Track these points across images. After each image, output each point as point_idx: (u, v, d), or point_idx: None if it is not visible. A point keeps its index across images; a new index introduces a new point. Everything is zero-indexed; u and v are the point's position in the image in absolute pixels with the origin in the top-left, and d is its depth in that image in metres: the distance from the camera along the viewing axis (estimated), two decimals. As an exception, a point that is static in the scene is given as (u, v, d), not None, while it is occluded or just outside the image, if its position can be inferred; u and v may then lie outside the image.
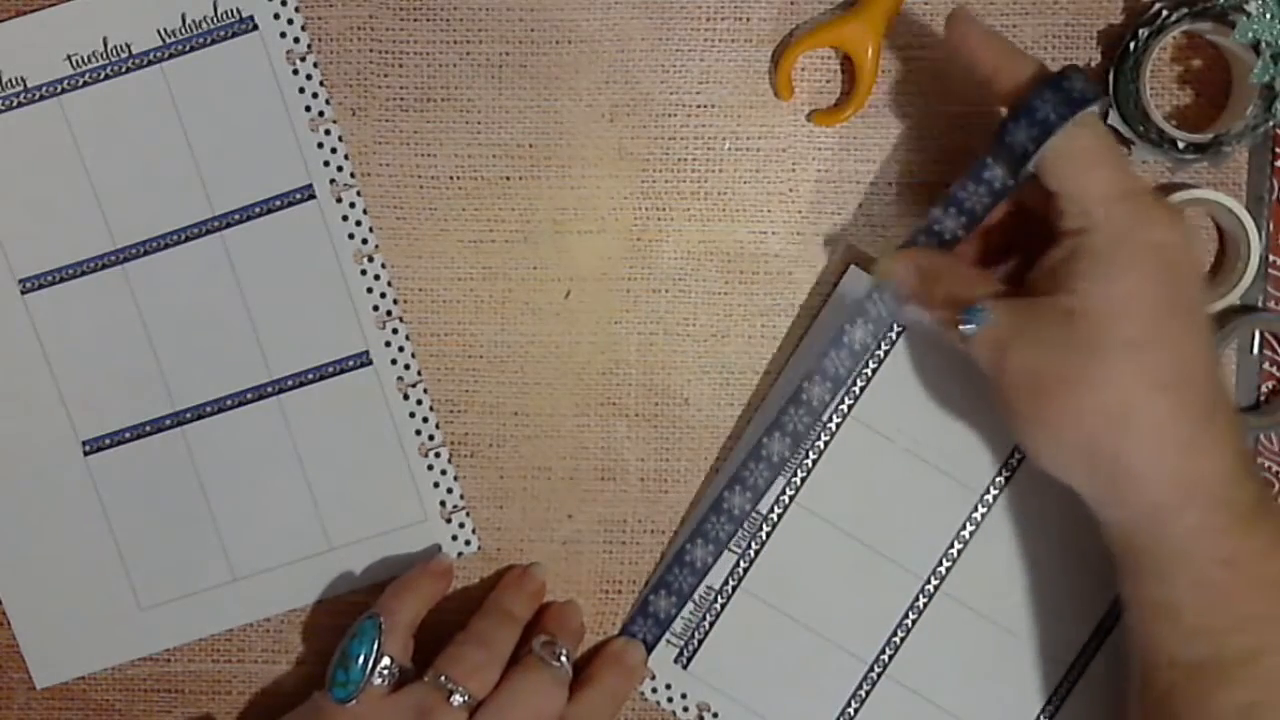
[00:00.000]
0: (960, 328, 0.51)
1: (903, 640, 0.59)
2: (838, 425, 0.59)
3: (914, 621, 0.59)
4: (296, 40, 0.59)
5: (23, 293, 0.59)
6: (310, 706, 0.56)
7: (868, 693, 0.59)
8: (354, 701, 0.54)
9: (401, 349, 0.60)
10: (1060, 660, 0.59)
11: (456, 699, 0.54)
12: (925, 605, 0.59)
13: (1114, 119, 0.56)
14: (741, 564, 0.59)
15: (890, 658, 0.59)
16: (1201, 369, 0.49)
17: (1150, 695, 0.52)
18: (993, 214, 0.54)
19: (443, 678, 0.54)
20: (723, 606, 0.59)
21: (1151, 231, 0.49)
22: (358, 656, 0.55)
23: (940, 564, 0.59)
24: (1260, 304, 0.59)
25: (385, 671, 0.54)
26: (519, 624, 0.58)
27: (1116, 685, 0.58)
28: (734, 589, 0.59)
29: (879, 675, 0.59)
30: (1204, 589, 0.49)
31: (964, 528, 0.59)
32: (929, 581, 0.59)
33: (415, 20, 0.59)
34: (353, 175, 0.59)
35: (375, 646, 0.55)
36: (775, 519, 0.59)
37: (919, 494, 0.59)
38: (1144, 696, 0.52)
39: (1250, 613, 0.49)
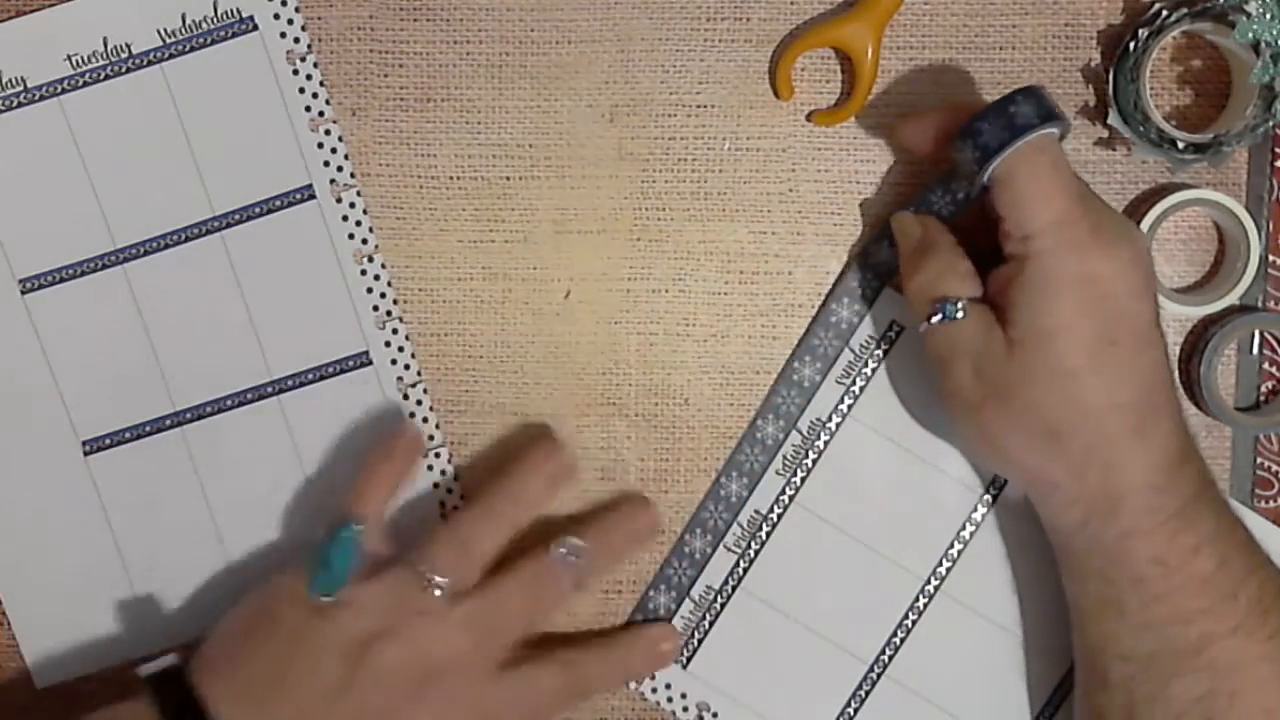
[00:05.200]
0: (930, 319, 0.53)
1: (903, 640, 0.59)
2: (838, 425, 0.59)
3: (914, 621, 0.59)
4: (296, 40, 0.59)
5: (23, 293, 0.59)
6: (275, 591, 0.54)
7: (868, 693, 0.59)
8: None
9: (401, 349, 0.60)
10: (1060, 660, 0.59)
11: (436, 590, 0.53)
12: (925, 605, 0.59)
13: (1114, 119, 0.56)
14: (741, 564, 0.59)
15: (890, 658, 0.59)
16: (1134, 390, 0.50)
17: (1105, 689, 0.53)
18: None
19: (421, 568, 0.53)
20: (723, 606, 0.59)
21: (1082, 265, 0.50)
22: (338, 564, 0.53)
23: (940, 564, 0.59)
24: (1260, 304, 0.59)
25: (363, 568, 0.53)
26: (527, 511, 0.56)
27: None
28: (734, 589, 0.59)
29: (879, 675, 0.59)
30: (1143, 585, 0.51)
31: (964, 528, 0.59)
32: (929, 581, 0.59)
33: (415, 20, 0.59)
34: (353, 175, 0.59)
35: (356, 554, 0.53)
36: (775, 519, 0.59)
37: (919, 494, 0.59)
38: (1098, 691, 0.54)
39: (1189, 607, 0.51)
